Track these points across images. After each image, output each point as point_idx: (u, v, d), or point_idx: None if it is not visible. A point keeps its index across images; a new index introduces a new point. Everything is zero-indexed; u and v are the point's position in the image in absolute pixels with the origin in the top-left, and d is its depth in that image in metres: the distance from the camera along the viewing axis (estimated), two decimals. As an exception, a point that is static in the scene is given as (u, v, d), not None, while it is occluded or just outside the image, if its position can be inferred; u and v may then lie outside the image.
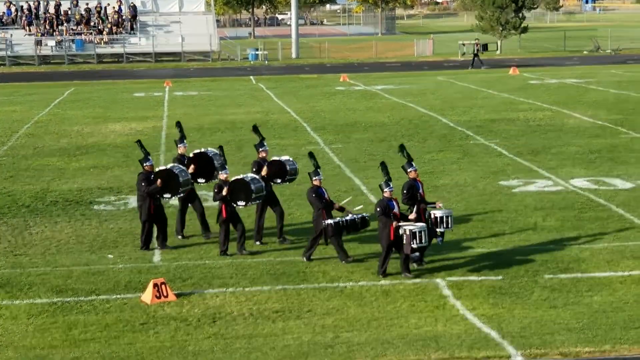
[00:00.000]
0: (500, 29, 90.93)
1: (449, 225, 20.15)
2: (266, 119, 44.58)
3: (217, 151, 22.73)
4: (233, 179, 21.07)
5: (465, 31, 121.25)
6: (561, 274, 19.43)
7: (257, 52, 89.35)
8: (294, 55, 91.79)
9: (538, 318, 16.91)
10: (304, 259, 20.58)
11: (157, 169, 22.09)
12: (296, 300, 18.22)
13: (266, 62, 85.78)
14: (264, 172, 22.11)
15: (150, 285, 18.24)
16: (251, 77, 70.34)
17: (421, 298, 18.17)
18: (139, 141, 22.92)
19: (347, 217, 20.29)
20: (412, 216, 19.65)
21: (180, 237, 22.88)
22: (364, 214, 20.61)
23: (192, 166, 22.66)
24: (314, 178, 20.68)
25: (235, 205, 20.94)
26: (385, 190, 19.37)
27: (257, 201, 21.44)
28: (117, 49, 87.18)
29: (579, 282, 18.93)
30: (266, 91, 58.51)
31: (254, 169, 22.42)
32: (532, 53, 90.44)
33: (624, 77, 62.37)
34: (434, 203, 20.70)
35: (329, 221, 20.08)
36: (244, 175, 21.32)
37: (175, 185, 21.69)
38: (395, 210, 19.24)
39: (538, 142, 35.75)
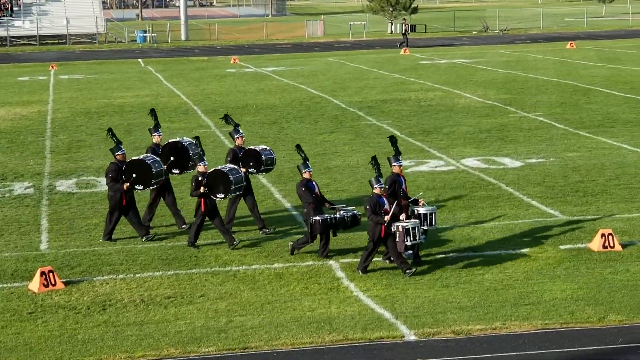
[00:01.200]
0: (391, 9, 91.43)
1: (433, 223, 19.01)
2: (156, 102, 44.01)
3: (192, 140, 21.72)
4: (211, 170, 20.02)
5: (356, 12, 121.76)
6: (453, 253, 19.54)
7: (145, 34, 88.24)
8: (183, 37, 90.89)
9: (431, 297, 16.96)
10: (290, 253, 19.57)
11: (129, 159, 20.72)
12: (188, 285, 17.96)
13: (155, 44, 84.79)
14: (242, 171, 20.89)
15: (38, 273, 17.78)
16: (139, 59, 69.43)
17: (315, 280, 18.07)
18: (110, 130, 21.57)
19: (337, 215, 19.20)
20: (403, 216, 18.48)
21: (146, 223, 21.72)
22: (355, 212, 19.48)
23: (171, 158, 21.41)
24: (303, 171, 19.41)
25: (214, 197, 19.88)
26: (375, 186, 18.32)
27: (237, 192, 20.35)
28: (0, 32, 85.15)
29: (471, 260, 19.05)
30: (155, 74, 57.80)
31: (229, 158, 21.35)
32: (422, 33, 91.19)
33: (511, 57, 63.28)
34: (416, 201, 19.47)
35: (317, 217, 19.00)
36: (222, 167, 20.20)
37: (148, 177, 20.44)
38: (386, 207, 18.25)
39: (429, 122, 36.00)
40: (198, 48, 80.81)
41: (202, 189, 19.69)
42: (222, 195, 19.91)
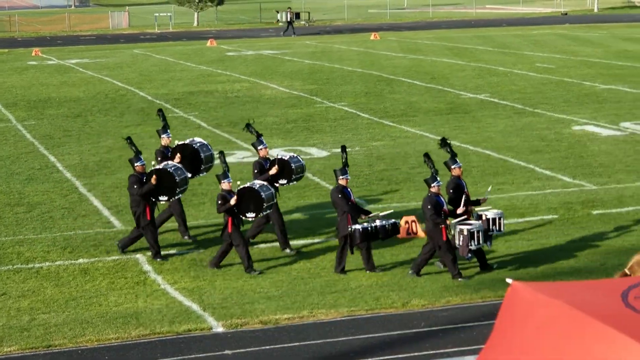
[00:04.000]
0: (197, 0, 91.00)
1: (501, 228, 17.95)
2: (-47, 95, 42.46)
3: (204, 142, 20.57)
4: (240, 187, 18.24)
5: (162, 3, 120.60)
6: (262, 244, 19.59)
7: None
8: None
9: (239, 288, 16.97)
10: (339, 272, 17.69)
11: (150, 170, 19.08)
12: (-11, 284, 17.41)
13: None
14: (274, 170, 19.46)
15: None
16: (-64, 52, 66.85)
17: (121, 275, 17.81)
18: (129, 138, 20.12)
19: (376, 223, 17.67)
20: (460, 210, 17.49)
21: (187, 237, 20.08)
22: (395, 220, 18.07)
23: (177, 155, 19.96)
24: (340, 177, 17.87)
25: (243, 217, 18.14)
26: (433, 185, 17.29)
27: (268, 211, 18.64)
28: None
29: (279, 250, 19.14)
30: (-47, 66, 55.74)
31: (256, 170, 19.78)
32: (229, 25, 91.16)
33: (317, 48, 63.98)
34: (479, 202, 18.40)
35: (357, 226, 17.50)
36: (252, 183, 18.53)
37: (172, 186, 18.81)
38: (445, 207, 17.28)
39: (236, 114, 36.00)
40: (-2, 40, 78.39)
41: (232, 201, 17.89)
42: (253, 215, 18.24)
